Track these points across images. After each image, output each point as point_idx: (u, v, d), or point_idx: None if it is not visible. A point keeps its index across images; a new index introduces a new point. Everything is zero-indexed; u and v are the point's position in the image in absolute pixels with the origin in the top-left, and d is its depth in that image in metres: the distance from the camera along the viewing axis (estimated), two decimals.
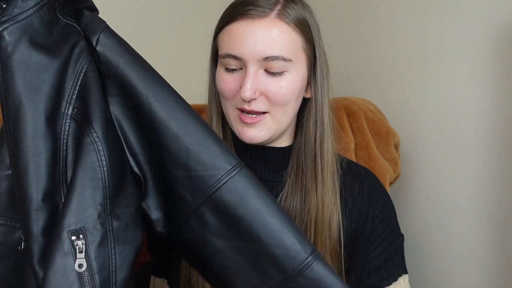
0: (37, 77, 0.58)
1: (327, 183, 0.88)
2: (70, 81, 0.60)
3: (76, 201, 0.57)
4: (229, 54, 0.82)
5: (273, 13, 0.82)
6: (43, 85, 0.58)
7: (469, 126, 1.29)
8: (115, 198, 0.60)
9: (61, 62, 0.59)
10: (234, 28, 0.82)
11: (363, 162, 1.34)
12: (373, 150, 1.35)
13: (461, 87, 1.31)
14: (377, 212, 0.93)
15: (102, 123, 0.60)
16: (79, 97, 0.60)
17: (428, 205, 1.42)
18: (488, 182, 1.25)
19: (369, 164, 1.32)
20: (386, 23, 1.57)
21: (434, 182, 1.40)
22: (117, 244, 0.59)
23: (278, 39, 0.81)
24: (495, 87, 1.23)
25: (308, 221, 0.87)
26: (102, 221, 0.58)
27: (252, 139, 0.85)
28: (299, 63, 0.84)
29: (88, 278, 0.56)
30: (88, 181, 0.58)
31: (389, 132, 1.38)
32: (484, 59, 1.25)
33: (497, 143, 1.23)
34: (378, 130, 1.37)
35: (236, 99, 0.84)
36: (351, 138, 1.35)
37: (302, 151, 0.89)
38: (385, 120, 1.42)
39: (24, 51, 0.57)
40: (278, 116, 0.85)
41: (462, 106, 1.31)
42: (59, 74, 0.59)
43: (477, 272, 1.28)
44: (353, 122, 1.37)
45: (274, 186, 0.91)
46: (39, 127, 0.57)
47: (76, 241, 0.57)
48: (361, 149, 1.35)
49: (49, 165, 0.58)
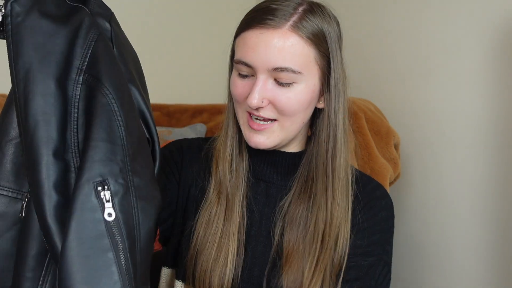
0: (47, 42, 0.59)
1: (337, 197, 0.87)
2: (81, 50, 0.61)
3: (97, 155, 0.58)
4: (242, 61, 0.83)
5: (287, 24, 0.82)
6: (52, 50, 0.59)
7: (469, 126, 1.30)
8: (134, 156, 0.61)
9: (70, 30, 0.61)
10: (248, 36, 0.83)
11: (363, 162, 1.34)
12: (373, 150, 1.35)
13: (461, 87, 1.31)
14: (364, 220, 0.91)
15: (116, 86, 0.61)
16: (90, 63, 0.62)
17: (428, 205, 1.42)
18: (487, 182, 1.25)
19: (369, 164, 1.32)
20: (386, 23, 1.57)
21: (434, 182, 1.40)
22: (139, 199, 0.60)
23: (289, 51, 0.81)
24: (495, 87, 1.23)
25: (316, 233, 0.87)
26: (124, 176, 0.59)
27: (258, 145, 0.86)
28: (310, 76, 0.84)
29: (117, 228, 0.57)
30: (107, 137, 0.59)
31: (389, 132, 1.38)
32: (484, 59, 1.25)
33: (497, 143, 1.23)
34: (378, 130, 1.37)
35: (245, 104, 0.85)
36: (351, 138, 1.36)
37: (313, 160, 0.89)
38: (385, 120, 1.42)
39: (34, 18, 0.59)
40: (286, 125, 0.85)
41: (462, 106, 1.31)
42: (68, 42, 0.61)
43: (477, 272, 1.28)
44: (353, 122, 1.37)
45: (280, 189, 0.91)
46: (49, 87, 0.58)
47: (102, 191, 0.57)
48: (361, 149, 1.35)
49: (59, 124, 0.59)
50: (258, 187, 0.92)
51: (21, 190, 0.64)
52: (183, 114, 1.66)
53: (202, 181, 0.94)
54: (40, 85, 0.58)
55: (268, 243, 0.90)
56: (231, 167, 0.91)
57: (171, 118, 1.67)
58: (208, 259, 0.88)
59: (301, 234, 0.88)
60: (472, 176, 1.29)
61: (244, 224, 0.90)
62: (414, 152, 1.46)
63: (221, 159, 0.91)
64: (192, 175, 0.94)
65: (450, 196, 1.35)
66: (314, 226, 0.87)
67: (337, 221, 0.87)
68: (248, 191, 0.92)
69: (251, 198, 0.92)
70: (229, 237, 0.88)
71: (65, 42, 0.61)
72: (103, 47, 0.63)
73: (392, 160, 1.37)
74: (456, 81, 1.33)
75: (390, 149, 1.37)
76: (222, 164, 0.91)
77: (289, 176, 0.91)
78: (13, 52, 0.58)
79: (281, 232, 0.89)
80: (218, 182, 0.91)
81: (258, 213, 0.91)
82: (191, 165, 0.95)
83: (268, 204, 0.92)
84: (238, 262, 0.88)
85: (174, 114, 1.68)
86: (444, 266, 1.37)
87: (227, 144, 0.91)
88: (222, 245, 0.88)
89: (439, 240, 1.38)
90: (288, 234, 0.89)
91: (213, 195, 0.91)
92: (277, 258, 0.89)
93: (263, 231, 0.91)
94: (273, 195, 0.92)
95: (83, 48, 0.62)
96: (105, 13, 0.69)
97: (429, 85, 1.41)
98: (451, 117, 1.34)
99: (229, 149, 0.91)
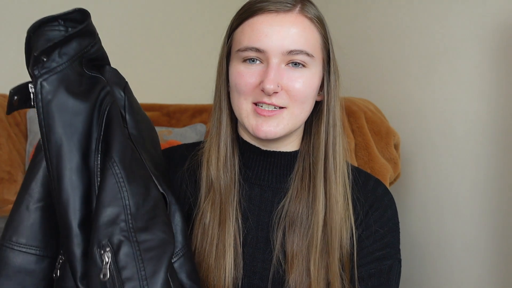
0: (73, 120, 0.67)
1: (339, 185, 0.86)
2: (97, 122, 0.70)
3: (100, 220, 0.65)
4: (252, 47, 0.82)
5: (296, 9, 0.83)
6: (78, 127, 0.68)
7: (469, 126, 1.30)
8: (138, 214, 0.68)
9: (90, 106, 0.69)
10: (257, 22, 0.82)
11: (363, 162, 1.34)
12: (373, 150, 1.35)
13: (461, 87, 1.32)
14: (371, 223, 0.90)
15: (119, 149, 0.69)
16: (104, 132, 0.70)
17: (428, 205, 1.42)
18: (487, 182, 1.25)
19: (369, 164, 1.32)
20: (386, 23, 1.57)
21: (434, 182, 1.40)
22: (144, 253, 0.66)
23: (302, 34, 0.82)
24: (495, 87, 1.23)
25: (315, 224, 0.85)
26: (126, 234, 0.66)
27: (268, 134, 0.83)
28: (318, 61, 0.85)
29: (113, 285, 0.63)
30: (109, 201, 0.66)
31: (389, 132, 1.38)
32: (484, 60, 1.25)
33: (497, 143, 1.23)
34: (378, 130, 1.37)
35: (255, 93, 0.83)
36: (351, 138, 1.35)
37: (309, 155, 0.88)
38: (385, 120, 1.42)
39: (62, 97, 0.66)
40: (296, 113, 0.84)
41: (462, 106, 1.31)
42: (89, 116, 0.69)
43: (477, 272, 1.28)
44: (353, 122, 1.37)
45: (277, 192, 0.89)
46: (77, 161, 0.66)
47: (103, 254, 0.64)
48: (361, 149, 1.35)
49: (85, 196, 0.67)
50: (252, 192, 0.90)
51: (47, 249, 0.71)
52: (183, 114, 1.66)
53: (191, 196, 0.90)
54: (70, 161, 0.66)
55: (267, 250, 0.88)
56: (226, 166, 0.88)
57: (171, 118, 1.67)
58: (207, 269, 0.86)
59: (304, 232, 0.86)
60: (472, 176, 1.29)
61: (240, 232, 0.87)
62: (414, 152, 1.46)
63: (214, 158, 0.88)
64: (179, 194, 0.91)
65: (450, 196, 1.35)
66: (315, 217, 0.86)
67: (339, 209, 0.86)
68: (241, 197, 0.89)
69: (245, 204, 0.89)
70: (224, 245, 0.85)
71: (87, 118, 0.69)
72: (113, 113, 0.71)
73: (392, 160, 1.37)
74: (456, 81, 1.33)
75: (390, 149, 1.37)
76: (215, 163, 0.87)
77: (285, 176, 0.90)
78: (45, 128, 0.65)
79: (282, 237, 0.87)
80: (209, 185, 0.88)
81: (254, 219, 0.89)
82: (177, 183, 0.92)
83: (264, 208, 0.89)
84: (237, 271, 0.86)
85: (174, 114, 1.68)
86: (444, 266, 1.37)
87: (220, 142, 0.88)
88: (219, 254, 0.86)
89: (439, 239, 1.39)
90: (291, 237, 0.87)
91: (206, 204, 0.88)
92: (280, 263, 0.87)
93: (260, 237, 0.88)
94: (269, 199, 0.90)
95: (98, 120, 0.70)
96: (119, 82, 0.77)
97: (429, 85, 1.41)
98: (451, 117, 1.34)
99: (223, 148, 0.88)
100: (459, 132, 1.32)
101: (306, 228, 0.86)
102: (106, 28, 1.93)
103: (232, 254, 0.85)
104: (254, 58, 0.82)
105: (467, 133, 1.30)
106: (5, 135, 1.42)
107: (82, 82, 0.70)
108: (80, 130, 0.67)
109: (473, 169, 1.29)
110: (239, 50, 0.83)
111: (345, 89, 1.12)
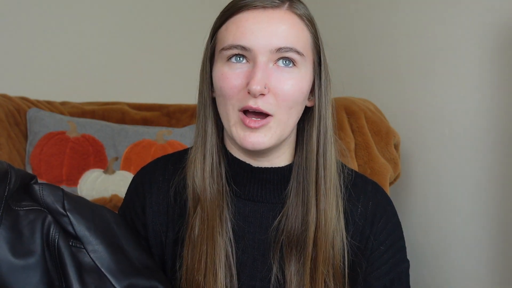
0: (27, 279, 0.67)
1: (330, 196, 0.82)
2: (53, 265, 0.70)
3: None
4: (237, 45, 0.76)
5: (285, 5, 0.78)
6: (35, 280, 0.68)
7: (469, 126, 1.30)
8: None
9: (39, 256, 0.69)
10: (242, 19, 0.77)
11: (363, 162, 1.34)
12: (373, 150, 1.35)
13: (461, 87, 1.32)
14: (379, 233, 0.87)
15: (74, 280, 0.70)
16: (60, 269, 0.70)
17: (428, 205, 1.42)
18: (488, 182, 1.25)
19: (369, 164, 1.32)
20: (386, 23, 1.57)
21: (434, 182, 1.40)
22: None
23: (292, 31, 0.77)
24: (495, 87, 1.23)
25: (307, 237, 0.82)
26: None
27: (255, 145, 0.77)
28: (308, 62, 0.80)
29: None
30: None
31: (389, 132, 1.38)
32: (484, 59, 1.25)
33: (497, 143, 1.23)
34: (378, 130, 1.37)
35: (240, 97, 0.77)
36: (351, 138, 1.35)
37: (303, 167, 0.84)
38: (385, 120, 1.42)
39: (8, 261, 0.66)
40: (283, 119, 0.78)
41: (462, 106, 1.31)
42: (42, 263, 0.69)
43: (477, 272, 1.28)
44: (353, 122, 1.37)
45: (272, 207, 0.85)
46: None
47: None
48: (361, 149, 1.35)
49: None
50: (245, 208, 0.85)
51: None
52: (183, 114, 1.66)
53: (178, 221, 0.86)
54: None
55: (264, 268, 0.84)
56: (212, 177, 0.82)
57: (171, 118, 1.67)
58: (197, 286, 0.81)
59: (300, 250, 0.82)
60: (472, 176, 1.29)
61: (233, 250, 0.83)
62: (414, 152, 1.46)
63: (199, 169, 0.82)
64: (162, 220, 0.87)
65: (450, 196, 1.35)
66: (306, 230, 0.82)
67: (331, 221, 0.82)
68: (232, 213, 0.84)
69: (239, 220, 0.85)
70: (215, 262, 0.81)
71: (41, 267, 0.69)
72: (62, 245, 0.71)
73: (392, 160, 1.37)
74: (456, 81, 1.33)
75: (390, 149, 1.37)
76: (201, 174, 0.82)
77: (280, 192, 0.85)
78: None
79: (279, 255, 0.84)
80: (196, 199, 0.83)
81: (250, 237, 0.85)
82: (158, 211, 0.88)
83: (259, 225, 0.85)
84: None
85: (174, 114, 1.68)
86: (444, 266, 1.37)
87: (206, 152, 0.82)
88: (208, 271, 0.81)
89: (439, 240, 1.39)
90: (289, 255, 0.83)
91: (193, 219, 0.83)
92: (278, 282, 0.83)
93: (257, 255, 0.85)
94: (264, 215, 0.85)
95: (53, 262, 0.70)
96: (55, 197, 0.73)
97: (429, 85, 1.41)
98: (451, 117, 1.34)
99: (208, 158, 0.82)
100: (459, 132, 1.32)
101: (301, 243, 0.83)
102: (106, 28, 1.93)
103: (223, 272, 0.81)
104: (239, 54, 0.77)
105: (467, 133, 1.30)
106: (5, 135, 1.42)
107: (20, 232, 0.68)
108: (38, 279, 0.68)
109: (473, 169, 1.29)
110: (223, 49, 0.78)
111: (345, 89, 1.12)
